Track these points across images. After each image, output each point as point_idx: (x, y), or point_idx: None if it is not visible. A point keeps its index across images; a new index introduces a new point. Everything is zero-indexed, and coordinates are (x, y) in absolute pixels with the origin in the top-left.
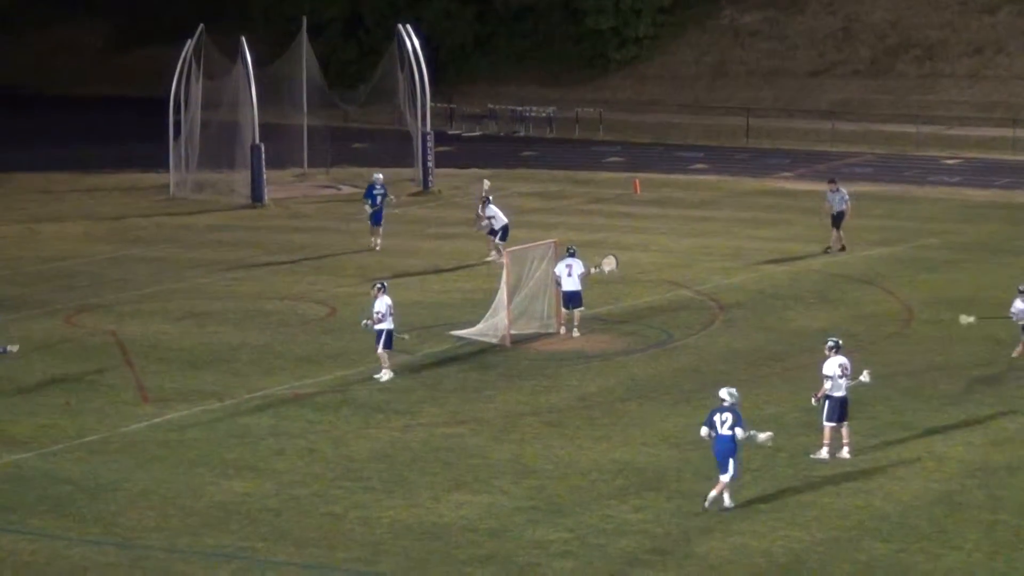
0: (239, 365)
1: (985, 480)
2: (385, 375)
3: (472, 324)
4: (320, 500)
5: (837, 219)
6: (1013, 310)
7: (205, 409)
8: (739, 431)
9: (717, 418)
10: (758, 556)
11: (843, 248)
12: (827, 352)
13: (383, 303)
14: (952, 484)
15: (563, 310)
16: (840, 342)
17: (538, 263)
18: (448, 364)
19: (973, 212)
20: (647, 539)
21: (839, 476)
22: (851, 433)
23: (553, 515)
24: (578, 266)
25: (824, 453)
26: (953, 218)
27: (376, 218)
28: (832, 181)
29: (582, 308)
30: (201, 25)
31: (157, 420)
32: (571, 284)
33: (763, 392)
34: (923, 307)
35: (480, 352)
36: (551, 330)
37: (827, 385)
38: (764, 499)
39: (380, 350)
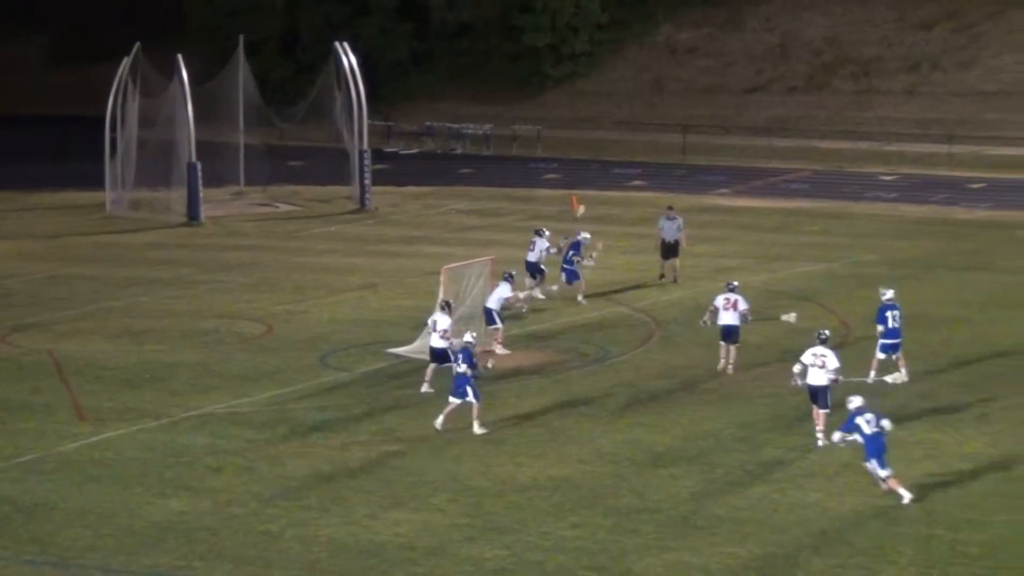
0: (176, 383)
1: (920, 495)
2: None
3: (409, 342)
4: (257, 519)
5: (672, 249)
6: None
7: (142, 428)
8: (886, 423)
9: (860, 420)
10: (696, 572)
11: (675, 280)
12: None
13: (446, 321)
14: (888, 499)
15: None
16: (828, 334)
17: (475, 280)
18: (385, 382)
19: (910, 228)
20: (584, 556)
21: (776, 492)
22: (826, 421)
23: (490, 532)
24: (505, 290)
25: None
26: (890, 234)
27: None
28: (670, 208)
29: (498, 326)
30: (137, 43)
31: (94, 439)
32: (491, 303)
33: (700, 409)
34: (861, 323)
35: (417, 370)
36: (489, 348)
37: (796, 369)
38: (701, 515)
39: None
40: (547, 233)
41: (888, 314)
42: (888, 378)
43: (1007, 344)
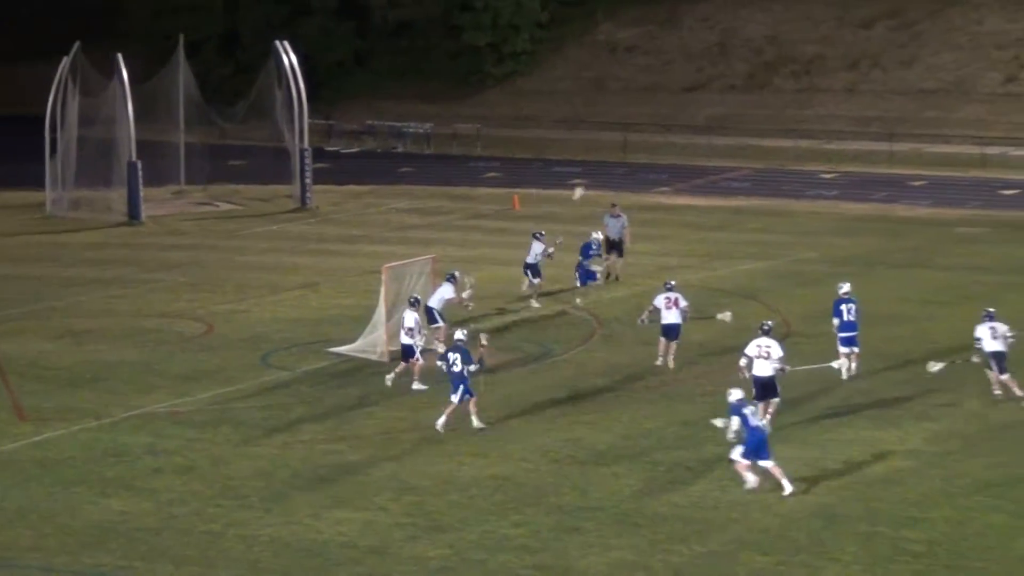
0: (117, 383)
1: (862, 493)
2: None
3: (351, 340)
4: (199, 518)
5: (616, 247)
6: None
7: (83, 428)
8: (765, 424)
9: (747, 411)
10: (638, 571)
11: (617, 278)
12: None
13: (412, 317)
14: (830, 497)
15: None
16: (771, 324)
17: (416, 279)
18: (327, 381)
19: (850, 226)
20: (527, 554)
21: (717, 489)
22: (776, 410)
23: (432, 531)
24: (447, 291)
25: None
26: (831, 232)
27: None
28: (614, 205)
29: (439, 325)
30: (77, 43)
31: (35, 439)
32: (432, 302)
33: (642, 407)
34: (801, 321)
35: (359, 368)
36: (430, 346)
37: (742, 362)
38: (644, 513)
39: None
40: (543, 235)
41: (843, 307)
42: (834, 364)
43: (948, 341)
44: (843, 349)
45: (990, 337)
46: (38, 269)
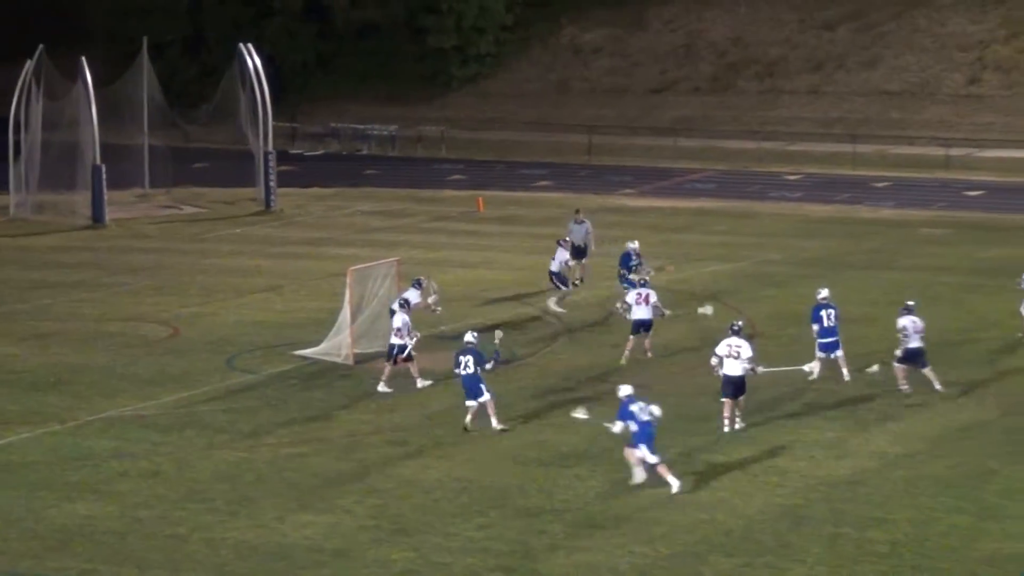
0: (82, 387)
1: (827, 494)
2: (383, 386)
3: (316, 343)
4: (164, 522)
5: (580, 251)
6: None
7: (47, 431)
8: (655, 409)
9: (634, 408)
10: (604, 572)
11: (580, 280)
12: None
13: (400, 319)
14: (795, 498)
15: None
16: (741, 324)
17: (381, 281)
18: (292, 383)
19: (814, 227)
20: (491, 557)
21: (683, 491)
22: (744, 406)
23: (397, 534)
24: (413, 295)
25: (725, 427)
26: (795, 233)
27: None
28: (577, 211)
29: (412, 341)
30: (41, 46)
31: None
32: (396, 305)
33: (606, 409)
34: (767, 322)
35: (324, 371)
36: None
37: (713, 361)
38: (609, 515)
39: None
40: (567, 242)
41: (822, 313)
42: (805, 367)
43: None
44: (820, 354)
45: (912, 331)
46: (1, 272)
